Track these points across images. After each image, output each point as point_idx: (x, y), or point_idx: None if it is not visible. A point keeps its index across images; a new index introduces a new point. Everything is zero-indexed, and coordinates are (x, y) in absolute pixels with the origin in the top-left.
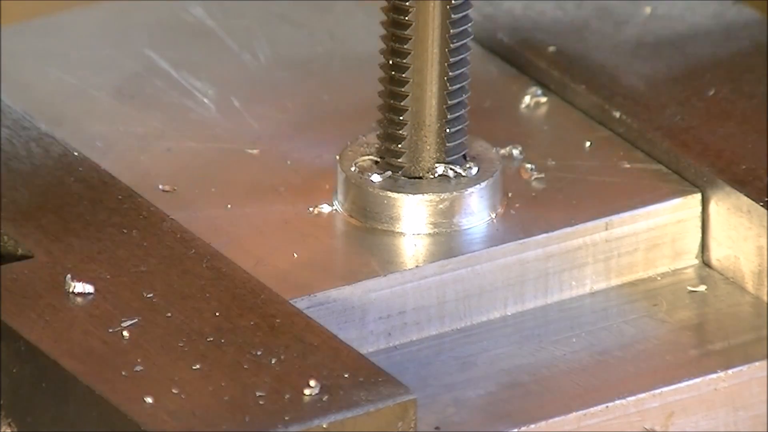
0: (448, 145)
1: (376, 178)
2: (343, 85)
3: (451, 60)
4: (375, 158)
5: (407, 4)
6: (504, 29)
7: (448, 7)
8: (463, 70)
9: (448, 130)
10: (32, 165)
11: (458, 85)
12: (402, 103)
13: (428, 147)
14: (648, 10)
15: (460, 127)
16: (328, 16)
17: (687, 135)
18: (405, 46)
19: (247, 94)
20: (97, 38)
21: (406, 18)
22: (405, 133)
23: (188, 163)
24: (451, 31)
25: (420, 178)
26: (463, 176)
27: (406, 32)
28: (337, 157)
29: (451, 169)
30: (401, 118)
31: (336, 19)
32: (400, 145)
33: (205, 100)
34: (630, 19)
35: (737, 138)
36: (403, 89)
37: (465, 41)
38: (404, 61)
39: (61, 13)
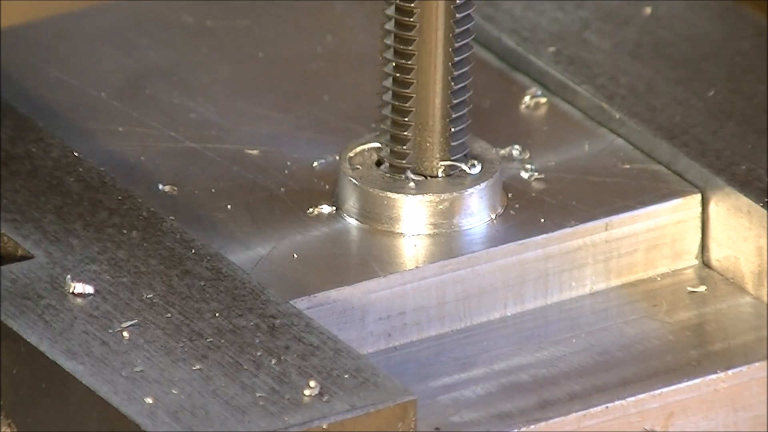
0: (452, 144)
1: (376, 178)
2: (343, 85)
3: (455, 59)
4: (376, 158)
5: (411, 5)
6: (504, 29)
7: (452, 6)
8: (465, 69)
9: (452, 129)
10: (32, 165)
11: (461, 84)
12: (406, 105)
13: (432, 147)
14: (648, 10)
15: (462, 125)
16: (328, 16)
17: (687, 135)
18: (409, 48)
19: (247, 94)
20: (97, 38)
21: (411, 19)
22: (409, 135)
23: (188, 163)
24: (455, 30)
25: (425, 177)
26: (469, 174)
27: (410, 33)
28: (338, 157)
29: (454, 167)
30: (405, 119)
31: (336, 19)
32: (404, 147)
33: (205, 100)
34: (630, 19)
35: (737, 138)
36: (407, 91)
37: (467, 40)
38: (408, 62)
39: (61, 14)
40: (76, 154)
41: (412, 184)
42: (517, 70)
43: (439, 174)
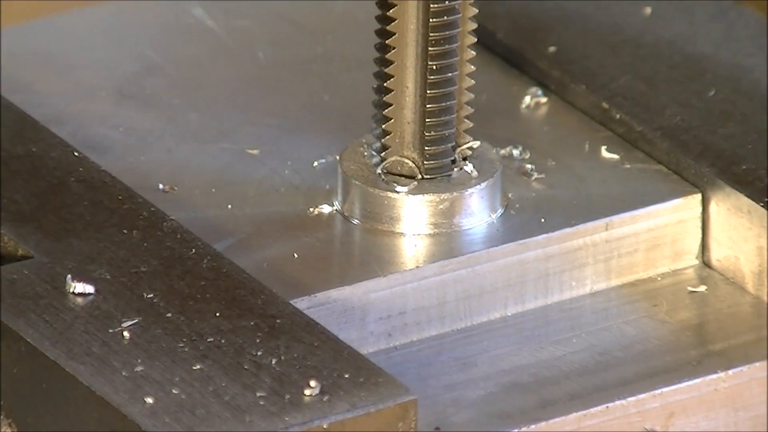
0: (469, 126)
1: (376, 178)
2: (343, 85)
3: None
4: (409, 164)
5: (455, 3)
6: (504, 29)
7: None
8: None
9: (469, 113)
10: (32, 165)
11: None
12: (449, 102)
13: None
14: (648, 10)
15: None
16: (328, 16)
17: (687, 135)
18: (454, 45)
19: (247, 94)
20: (97, 38)
21: (455, 17)
22: (448, 132)
23: (188, 163)
24: (474, 17)
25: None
26: (474, 148)
27: (455, 30)
28: (338, 157)
29: (471, 148)
30: (448, 117)
31: (336, 19)
32: (445, 146)
33: (205, 100)
34: (630, 19)
35: (737, 138)
36: (450, 88)
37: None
38: (453, 59)
39: (61, 14)
40: (76, 154)
41: (470, 169)
42: (517, 70)
43: (458, 158)
